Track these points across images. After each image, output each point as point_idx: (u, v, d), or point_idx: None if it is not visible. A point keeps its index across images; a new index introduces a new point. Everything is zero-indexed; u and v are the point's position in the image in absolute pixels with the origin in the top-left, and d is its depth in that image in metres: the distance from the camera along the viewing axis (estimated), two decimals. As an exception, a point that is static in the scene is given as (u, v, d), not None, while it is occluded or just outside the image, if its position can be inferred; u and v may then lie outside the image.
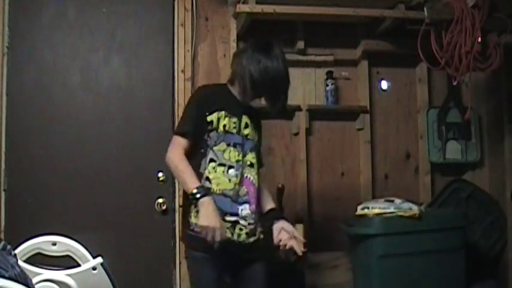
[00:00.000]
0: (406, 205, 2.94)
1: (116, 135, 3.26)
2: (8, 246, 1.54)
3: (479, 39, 2.95)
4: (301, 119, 3.45)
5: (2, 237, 3.02)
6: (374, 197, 3.45)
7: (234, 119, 2.39)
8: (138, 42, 3.33)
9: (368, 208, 2.96)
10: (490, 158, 3.70)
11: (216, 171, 2.32)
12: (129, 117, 3.29)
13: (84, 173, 3.20)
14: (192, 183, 2.25)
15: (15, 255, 1.56)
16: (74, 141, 3.21)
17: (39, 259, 2.10)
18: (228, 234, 2.28)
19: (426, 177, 3.61)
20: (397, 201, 2.97)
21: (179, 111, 3.30)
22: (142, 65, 3.33)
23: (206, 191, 2.25)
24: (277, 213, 2.53)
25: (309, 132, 3.49)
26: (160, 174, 3.25)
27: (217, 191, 2.31)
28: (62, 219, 3.10)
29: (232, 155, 2.34)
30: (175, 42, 3.35)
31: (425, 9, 3.04)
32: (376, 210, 2.91)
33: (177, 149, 2.32)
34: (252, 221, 2.36)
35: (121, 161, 3.25)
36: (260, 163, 2.56)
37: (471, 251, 3.12)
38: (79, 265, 2.09)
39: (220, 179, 2.32)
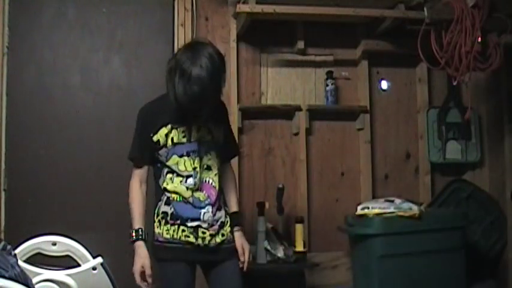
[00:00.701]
0: (406, 205, 2.94)
1: (115, 135, 3.26)
2: (8, 246, 1.54)
3: (479, 39, 2.95)
4: (301, 119, 3.45)
5: (2, 237, 3.02)
6: (374, 197, 3.45)
7: (183, 128, 2.30)
8: (138, 42, 3.33)
9: (368, 208, 2.96)
10: (490, 158, 3.70)
11: (173, 182, 2.30)
12: (129, 117, 3.26)
13: (84, 173, 3.20)
14: (135, 224, 2.30)
15: (15, 255, 1.56)
16: (74, 141, 3.21)
17: (39, 259, 2.10)
18: (192, 239, 2.28)
19: (426, 177, 3.61)
20: (397, 201, 2.97)
21: (179, 111, 3.30)
22: (142, 65, 3.33)
23: (141, 236, 2.30)
24: (236, 220, 2.43)
25: (309, 132, 3.49)
26: (160, 174, 3.25)
27: (178, 199, 2.30)
28: (62, 219, 3.10)
29: (188, 164, 2.29)
30: (175, 42, 3.35)
31: (425, 9, 3.04)
32: (376, 210, 2.91)
33: (133, 180, 2.36)
34: (214, 223, 2.32)
35: (121, 161, 3.21)
36: (232, 153, 2.55)
37: (471, 251, 3.12)
38: (79, 265, 2.09)
39: (178, 188, 2.29)
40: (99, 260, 2.04)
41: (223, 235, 2.34)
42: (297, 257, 3.09)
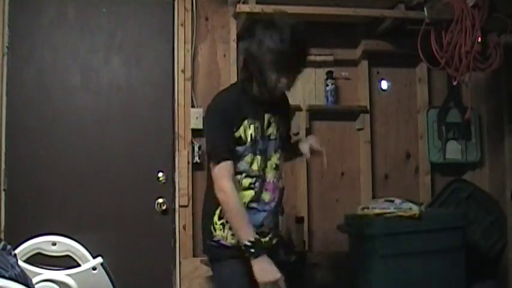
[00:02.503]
0: (406, 205, 2.94)
1: (116, 135, 3.26)
2: (8, 246, 1.54)
3: (479, 39, 2.95)
4: (301, 119, 3.45)
5: (2, 237, 3.02)
6: (374, 197, 3.45)
7: (257, 123, 2.16)
8: (138, 42, 3.33)
9: (368, 208, 2.96)
10: (490, 158, 3.69)
11: (241, 184, 2.15)
12: (129, 117, 3.29)
13: (84, 173, 3.20)
14: (246, 234, 2.05)
15: (15, 255, 1.56)
16: (74, 141, 3.21)
17: (39, 259, 2.11)
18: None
19: (426, 177, 3.61)
20: (397, 201, 2.97)
21: (179, 111, 3.30)
22: (142, 65, 3.33)
23: (261, 249, 2.06)
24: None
25: (309, 132, 3.49)
26: (160, 174, 3.25)
27: (244, 203, 2.15)
28: (62, 219, 3.10)
29: (259, 164, 2.16)
30: (175, 42, 3.35)
31: (425, 9, 3.04)
32: (376, 210, 2.92)
33: (224, 179, 2.07)
34: (273, 226, 2.25)
35: (121, 161, 3.25)
36: (287, 141, 2.41)
37: (471, 251, 3.12)
38: (79, 265, 2.10)
39: (246, 192, 2.15)
40: (99, 260, 2.05)
41: (277, 236, 2.30)
42: (297, 257, 3.09)
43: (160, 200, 3.25)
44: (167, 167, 3.28)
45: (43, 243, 2.11)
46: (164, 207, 3.25)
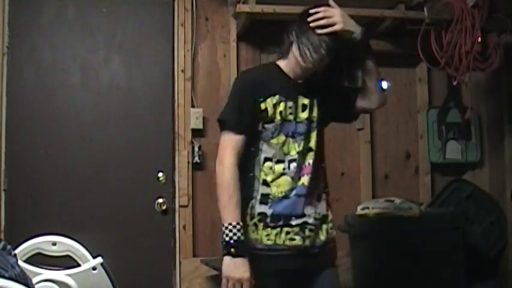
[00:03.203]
0: (406, 205, 2.94)
1: (115, 135, 3.26)
2: (8, 246, 1.54)
3: (479, 39, 2.95)
4: (301, 119, 3.45)
5: (2, 237, 3.02)
6: (374, 197, 3.45)
7: (290, 104, 1.95)
8: (138, 42, 3.33)
9: (368, 208, 2.96)
10: (490, 158, 3.69)
11: (274, 171, 1.91)
12: (129, 117, 3.29)
13: (84, 173, 3.20)
14: (229, 215, 1.83)
15: (15, 255, 1.56)
16: (74, 141, 3.21)
17: (39, 259, 2.11)
18: (298, 242, 1.90)
19: (426, 177, 3.61)
20: (397, 201, 2.97)
21: (179, 111, 3.30)
22: (142, 65, 3.33)
23: (243, 246, 1.82)
24: None
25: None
26: (160, 174, 3.25)
27: (279, 195, 1.90)
28: (62, 219, 3.10)
29: (292, 147, 1.93)
30: (175, 42, 3.35)
31: (425, 9, 3.04)
32: (376, 210, 2.91)
33: (229, 155, 1.87)
34: (317, 215, 1.95)
35: (121, 161, 3.25)
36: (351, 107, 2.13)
37: (471, 251, 3.12)
38: (79, 265, 2.10)
39: (281, 179, 1.91)
40: (99, 260, 2.05)
41: (327, 232, 1.98)
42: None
43: (160, 200, 3.25)
44: (167, 167, 3.28)
45: (43, 243, 2.11)
46: (164, 207, 3.25)
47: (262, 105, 1.92)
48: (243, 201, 1.88)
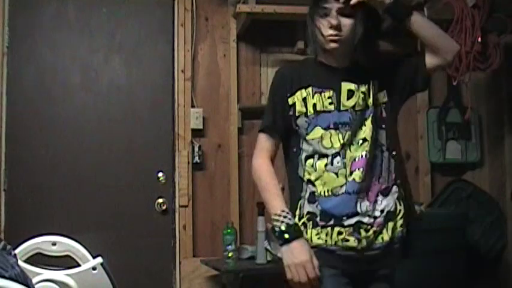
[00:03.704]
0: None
1: (115, 136, 3.26)
2: (8, 246, 1.54)
3: (479, 39, 2.95)
4: (301, 119, 3.44)
5: (2, 237, 3.02)
6: (374, 197, 3.44)
7: (329, 93, 1.80)
8: (138, 42, 3.33)
9: (368, 208, 2.95)
10: (490, 158, 3.69)
11: (316, 169, 1.78)
12: (129, 117, 3.29)
13: (84, 173, 3.20)
14: (275, 210, 1.78)
15: (15, 255, 1.56)
16: (74, 141, 3.21)
17: (39, 259, 2.10)
18: (352, 243, 1.74)
19: (426, 177, 3.61)
20: (397, 201, 2.97)
21: (179, 111, 3.30)
22: (142, 65, 3.33)
23: (295, 229, 1.75)
24: None
25: (309, 132, 3.48)
26: (160, 174, 3.25)
27: (326, 193, 1.77)
28: (62, 219, 3.10)
29: (335, 139, 1.78)
30: (175, 42, 3.35)
31: (425, 9, 3.04)
32: (376, 210, 2.91)
33: (259, 156, 1.88)
34: (378, 213, 1.77)
35: (121, 161, 3.25)
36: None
37: (471, 251, 3.12)
38: (79, 265, 2.10)
39: (325, 176, 1.77)
40: (99, 260, 2.05)
41: (393, 231, 1.79)
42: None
43: (160, 200, 3.25)
44: (167, 167, 3.28)
45: (43, 243, 2.11)
46: (164, 207, 3.25)
47: (290, 100, 1.83)
48: (292, 203, 1.84)
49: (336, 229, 1.75)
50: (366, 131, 1.81)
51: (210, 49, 3.42)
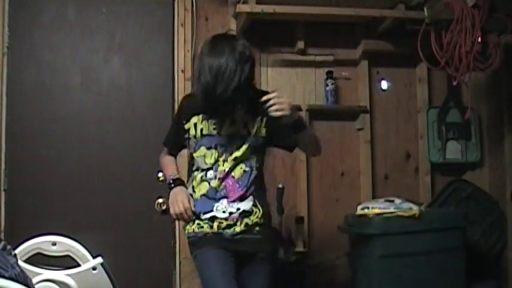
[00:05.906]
0: (406, 205, 2.94)
1: (115, 135, 3.26)
2: (8, 246, 1.54)
3: (479, 39, 2.95)
4: (301, 119, 3.45)
5: (2, 237, 3.02)
6: (374, 197, 3.45)
7: (213, 120, 2.29)
8: (138, 42, 3.34)
9: (368, 208, 2.96)
10: (490, 158, 3.69)
11: (196, 179, 2.33)
12: (129, 117, 3.29)
13: (84, 173, 3.20)
14: (169, 174, 2.47)
15: (15, 255, 1.56)
16: (74, 141, 3.21)
17: (39, 259, 2.10)
18: (206, 228, 2.28)
19: (426, 177, 3.61)
20: (397, 201, 2.97)
21: (179, 111, 3.30)
22: (142, 65, 3.33)
23: (178, 181, 2.42)
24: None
25: (309, 132, 3.49)
26: (160, 174, 3.25)
27: (198, 196, 2.32)
28: (62, 219, 3.10)
29: (213, 156, 2.29)
30: (175, 42, 3.35)
31: (425, 9, 3.05)
32: (376, 210, 2.91)
33: (161, 154, 2.59)
34: (233, 210, 2.26)
35: (121, 161, 3.25)
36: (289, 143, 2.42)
37: (471, 251, 3.12)
38: (79, 265, 2.10)
39: (201, 184, 2.31)
40: (99, 260, 2.05)
41: (246, 224, 2.28)
42: (297, 257, 3.09)
43: (160, 200, 3.25)
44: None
45: (43, 243, 2.11)
46: (164, 207, 3.25)
47: (186, 126, 2.34)
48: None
49: (196, 221, 2.31)
50: (239, 152, 2.27)
51: (210, 49, 3.42)
